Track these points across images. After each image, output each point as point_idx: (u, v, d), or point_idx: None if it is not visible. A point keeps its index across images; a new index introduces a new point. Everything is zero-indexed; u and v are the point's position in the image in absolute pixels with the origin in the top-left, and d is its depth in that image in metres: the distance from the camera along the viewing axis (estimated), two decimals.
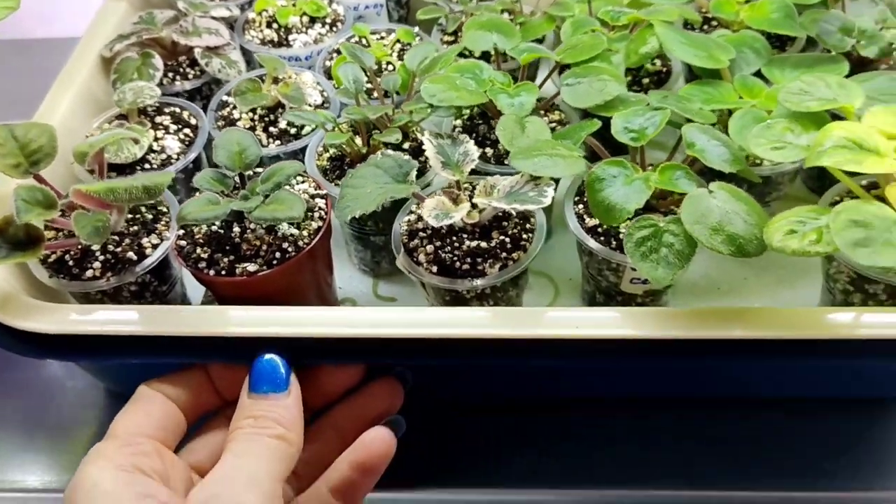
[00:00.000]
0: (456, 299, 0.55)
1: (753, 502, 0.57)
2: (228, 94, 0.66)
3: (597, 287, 0.59)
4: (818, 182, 0.67)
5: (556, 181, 0.53)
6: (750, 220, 0.48)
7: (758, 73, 0.60)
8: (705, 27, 0.69)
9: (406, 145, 0.61)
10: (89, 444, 0.61)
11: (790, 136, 0.51)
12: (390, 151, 0.56)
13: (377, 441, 0.48)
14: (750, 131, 0.52)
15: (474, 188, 0.55)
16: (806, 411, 0.60)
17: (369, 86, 0.65)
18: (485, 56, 0.66)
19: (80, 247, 0.55)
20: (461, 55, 0.65)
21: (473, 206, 0.54)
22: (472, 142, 0.55)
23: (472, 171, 0.56)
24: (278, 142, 0.63)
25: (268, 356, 0.48)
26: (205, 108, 0.66)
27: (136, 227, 0.56)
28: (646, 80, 0.66)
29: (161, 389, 0.48)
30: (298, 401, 0.47)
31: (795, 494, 0.56)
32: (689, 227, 0.48)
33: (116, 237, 0.56)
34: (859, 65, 0.61)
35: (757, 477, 0.57)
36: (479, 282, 0.52)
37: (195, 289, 0.64)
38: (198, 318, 0.52)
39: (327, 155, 0.62)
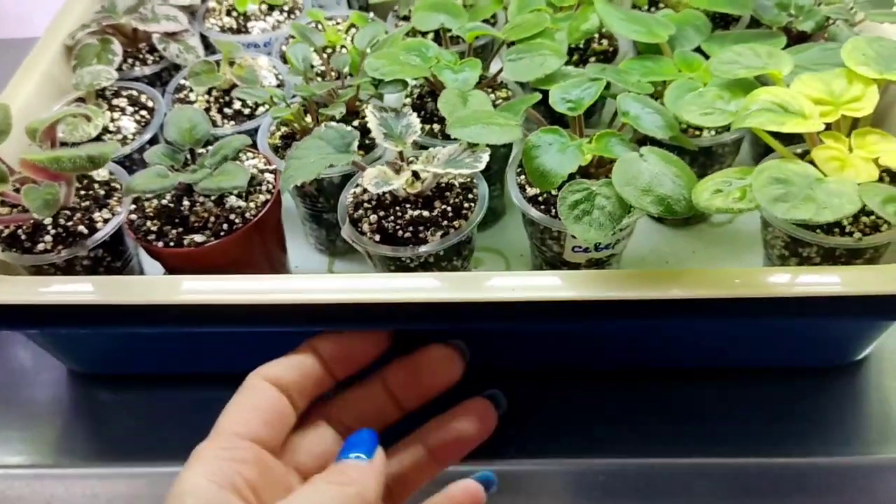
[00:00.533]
0: (400, 268, 0.56)
1: (701, 469, 0.58)
2: (185, 78, 0.68)
3: (543, 259, 0.60)
4: (764, 155, 0.68)
5: (498, 146, 0.54)
6: (679, 181, 0.49)
7: (699, 50, 0.62)
8: (652, 9, 0.70)
9: (356, 123, 0.62)
10: (49, 424, 0.63)
11: (720, 102, 0.53)
12: (334, 124, 0.57)
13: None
14: (682, 100, 0.54)
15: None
16: (751, 381, 0.60)
17: (323, 68, 0.67)
18: (437, 39, 0.68)
19: (32, 221, 0.56)
20: (411, 36, 0.67)
21: (415, 175, 0.55)
22: (416, 115, 0.57)
23: (421, 147, 0.58)
24: (233, 122, 0.65)
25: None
26: (164, 94, 0.68)
27: (87, 203, 0.58)
28: (592, 59, 0.67)
29: (269, 378, 0.48)
30: (382, 468, 0.46)
31: (741, 460, 0.57)
32: (620, 188, 0.49)
33: (68, 212, 0.57)
34: (798, 40, 0.62)
35: (704, 444, 0.58)
36: (421, 249, 0.53)
37: (153, 267, 0.65)
38: (143, 286, 0.53)
39: (279, 133, 0.63)
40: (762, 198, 0.45)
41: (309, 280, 0.52)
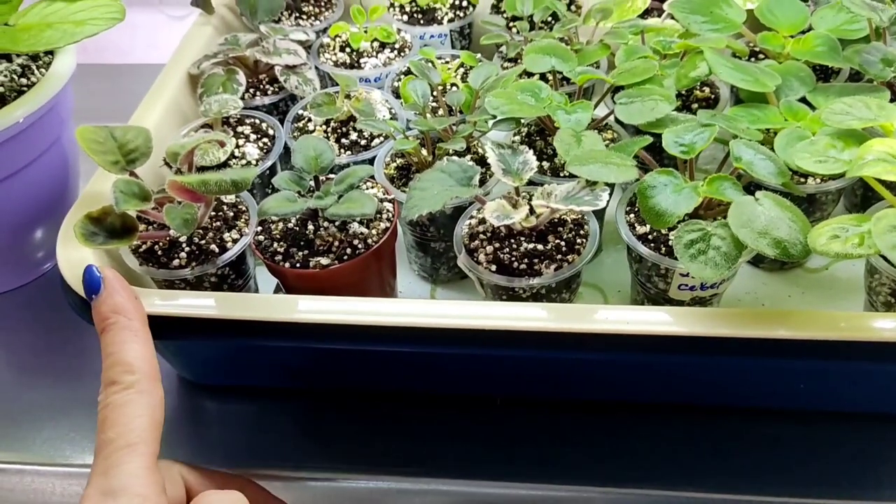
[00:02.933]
0: (512, 298, 0.58)
1: None
2: (304, 109, 0.72)
3: (646, 295, 0.62)
4: (861, 207, 0.69)
5: (611, 188, 0.57)
6: (794, 226, 0.51)
7: (803, 101, 0.64)
8: (752, 59, 0.73)
9: (468, 158, 0.65)
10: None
11: (833, 151, 0.55)
12: (455, 158, 0.60)
13: None
14: (794, 148, 0.56)
15: (531, 197, 0.59)
16: (844, 425, 0.61)
17: (435, 104, 0.70)
18: (543, 80, 0.71)
19: (168, 238, 0.60)
20: (521, 77, 0.70)
21: (531, 210, 0.58)
22: (531, 152, 0.60)
23: (530, 182, 0.61)
24: (349, 152, 0.68)
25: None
26: (282, 122, 0.72)
27: (218, 223, 0.61)
28: (695, 106, 0.70)
29: None
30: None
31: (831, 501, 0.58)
32: (736, 230, 0.51)
33: (201, 231, 0.61)
34: None
35: (794, 485, 0.59)
36: (535, 280, 0.56)
37: (265, 284, 0.68)
38: (268, 304, 0.56)
39: (394, 164, 0.66)
40: (883, 244, 0.47)
41: (419, 304, 0.55)
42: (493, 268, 0.57)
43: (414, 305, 0.55)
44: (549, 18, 0.81)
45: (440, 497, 0.61)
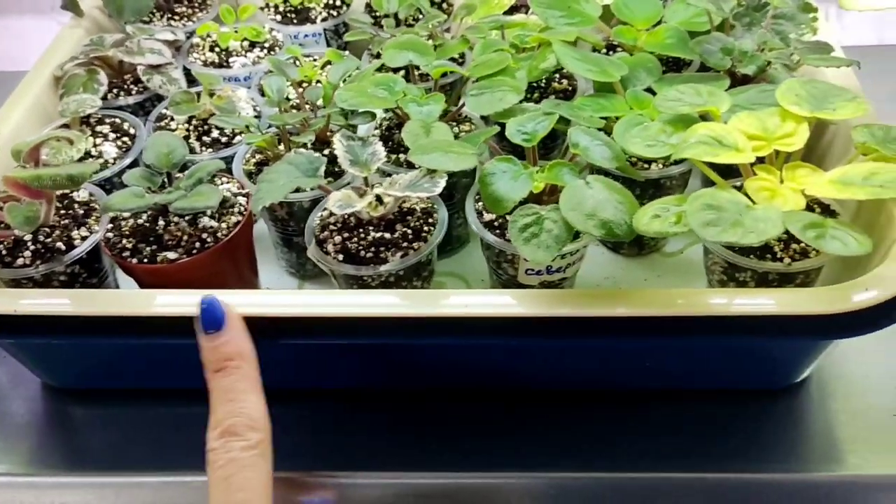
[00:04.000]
0: (362, 287, 0.59)
1: (646, 483, 0.60)
2: (167, 108, 0.72)
3: (500, 282, 0.64)
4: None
5: (461, 176, 0.58)
6: (621, 207, 0.53)
7: (651, 91, 0.66)
8: (609, 53, 0.75)
9: (326, 152, 0.65)
10: (23, 435, 0.65)
11: (663, 136, 0.57)
12: (303, 150, 0.61)
13: None
14: (629, 133, 0.58)
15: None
16: (694, 402, 0.63)
17: (298, 101, 0.71)
18: (408, 75, 0.72)
19: (13, 237, 0.59)
20: (382, 72, 0.71)
21: (378, 199, 0.58)
22: (381, 144, 0.60)
23: (386, 174, 0.61)
24: (211, 149, 0.68)
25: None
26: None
27: (67, 221, 0.61)
28: (552, 97, 0.71)
29: None
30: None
31: (683, 475, 0.59)
32: (566, 213, 0.52)
33: (48, 229, 0.60)
34: (743, 83, 0.66)
35: (649, 461, 0.60)
36: (382, 268, 0.56)
37: (129, 286, 0.67)
38: (118, 299, 0.56)
39: (253, 160, 0.66)
40: (694, 222, 0.48)
41: (269, 295, 0.55)
42: (341, 257, 0.58)
43: (257, 296, 0.55)
44: (417, 15, 0.82)
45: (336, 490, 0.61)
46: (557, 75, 0.73)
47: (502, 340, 0.57)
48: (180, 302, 0.55)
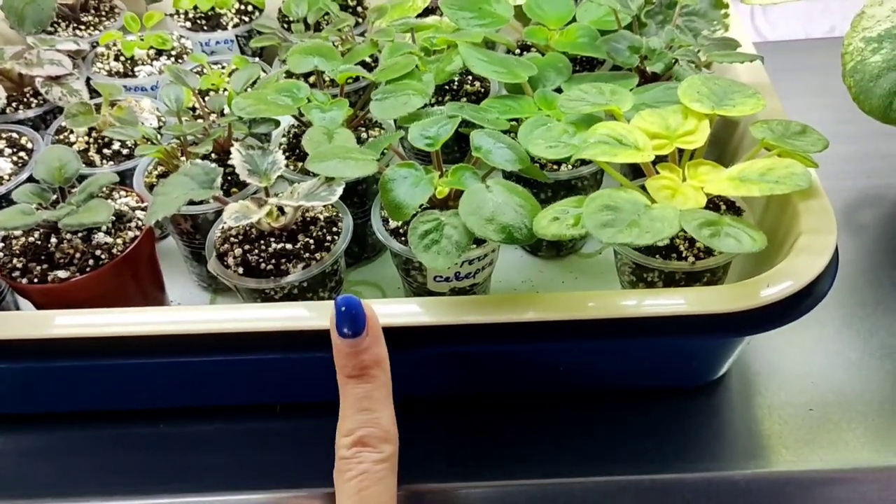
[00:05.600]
0: (266, 301, 0.57)
1: (561, 488, 0.59)
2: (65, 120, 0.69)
3: (411, 290, 0.62)
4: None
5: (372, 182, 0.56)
6: (522, 210, 0.52)
7: (561, 92, 0.65)
8: (522, 53, 0.74)
9: (230, 161, 0.64)
10: None
11: (565, 136, 0.56)
12: (199, 161, 0.59)
13: None
14: (532, 135, 0.57)
15: None
16: (612, 403, 0.62)
17: (202, 111, 0.69)
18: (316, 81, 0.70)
19: None
20: (287, 78, 0.69)
21: (280, 209, 0.57)
22: (282, 153, 0.59)
23: (292, 183, 0.60)
24: (111, 162, 0.66)
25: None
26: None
27: None
28: (464, 100, 0.71)
29: None
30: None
31: (601, 479, 0.59)
32: (465, 217, 0.51)
33: None
34: (652, 80, 0.66)
35: (565, 464, 0.59)
36: (283, 280, 0.55)
37: (29, 307, 0.65)
38: (12, 320, 0.53)
39: (156, 172, 0.64)
40: (590, 224, 0.48)
41: (168, 313, 0.53)
42: (241, 270, 0.56)
43: (152, 314, 0.53)
44: (329, 20, 0.81)
45: None
46: (470, 77, 0.72)
47: (410, 350, 0.55)
48: (77, 322, 0.53)
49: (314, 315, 0.53)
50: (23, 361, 0.54)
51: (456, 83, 0.72)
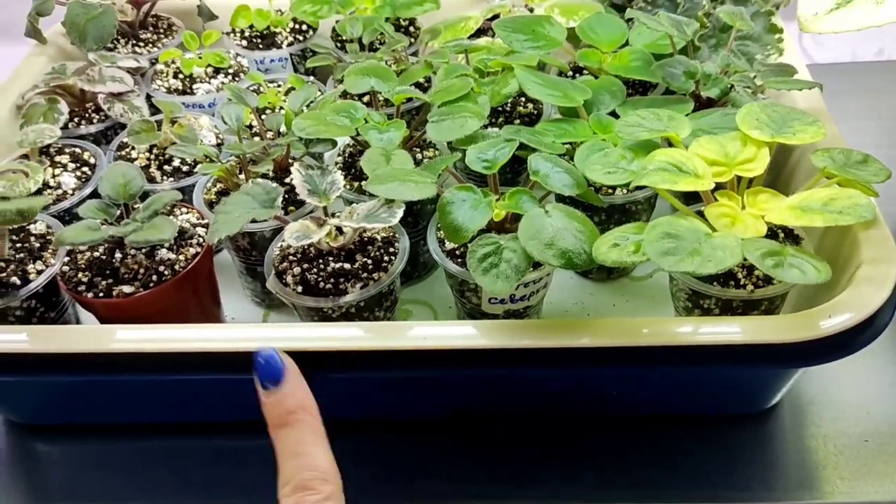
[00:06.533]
0: (323, 319, 0.58)
1: None
2: (127, 137, 0.71)
3: (465, 310, 0.63)
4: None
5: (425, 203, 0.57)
6: (581, 236, 0.52)
7: (616, 115, 0.65)
8: (575, 76, 0.74)
9: (288, 180, 0.65)
10: None
11: (623, 162, 0.56)
12: (260, 180, 0.60)
13: None
14: (589, 160, 0.57)
15: None
16: (664, 428, 0.62)
17: (260, 129, 0.70)
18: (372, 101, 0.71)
19: None
20: (344, 98, 0.70)
21: (338, 229, 0.58)
22: (341, 173, 0.60)
23: (349, 202, 0.61)
24: (172, 179, 0.67)
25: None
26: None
27: (22, 255, 0.60)
28: (517, 122, 0.71)
29: None
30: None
31: None
32: (524, 242, 0.52)
33: (2, 263, 0.59)
34: (707, 106, 0.66)
35: (619, 488, 0.59)
36: (342, 300, 0.56)
37: (90, 319, 0.66)
38: (67, 335, 0.55)
39: (214, 189, 0.66)
40: (652, 251, 0.48)
41: (229, 330, 0.54)
42: (300, 289, 0.57)
43: (213, 330, 0.54)
44: (383, 40, 0.82)
45: None
46: (523, 99, 0.73)
47: (463, 372, 0.56)
48: (139, 337, 0.54)
49: (370, 335, 0.54)
50: (84, 374, 0.56)
51: (509, 105, 0.72)
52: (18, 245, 0.60)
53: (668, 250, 0.48)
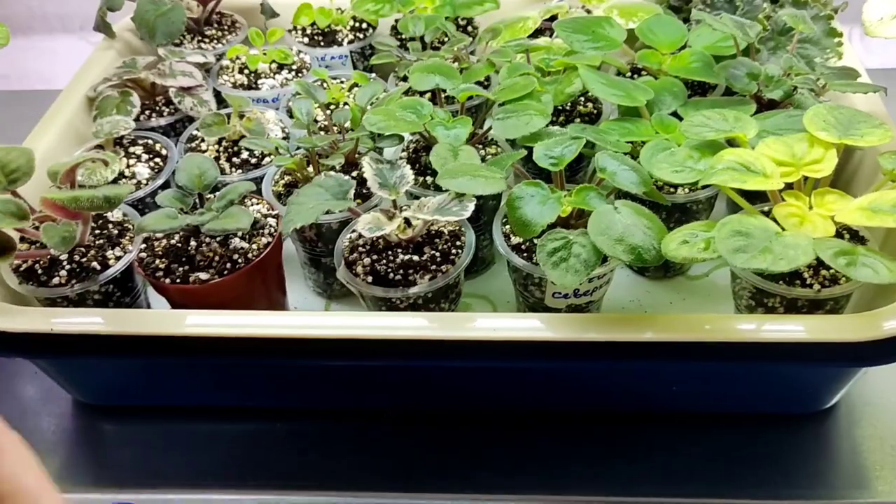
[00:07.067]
0: (391, 309, 0.59)
1: None
2: (198, 129, 0.73)
3: (527, 305, 0.64)
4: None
5: (488, 199, 0.58)
6: (650, 232, 0.53)
7: (675, 115, 0.66)
8: (634, 76, 0.75)
9: (354, 174, 0.66)
10: (53, 452, 0.66)
11: (690, 161, 0.57)
12: (332, 173, 0.61)
13: None
14: (655, 158, 0.58)
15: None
16: (722, 426, 0.63)
17: (326, 123, 0.72)
18: (434, 99, 0.73)
19: (48, 257, 0.60)
20: (408, 95, 0.71)
21: (407, 221, 0.59)
22: (409, 167, 0.61)
23: (414, 197, 0.62)
24: (240, 171, 0.69)
25: None
26: (178, 143, 0.73)
27: (101, 241, 0.62)
28: (577, 121, 0.72)
29: None
30: None
31: (707, 500, 0.59)
32: (594, 237, 0.53)
33: (83, 249, 0.61)
34: (768, 107, 0.67)
35: (673, 484, 0.60)
36: (410, 290, 0.57)
37: (160, 304, 0.68)
38: (144, 319, 0.57)
39: (282, 182, 0.67)
40: (724, 248, 0.49)
41: (301, 317, 0.56)
42: (370, 279, 0.58)
43: (286, 317, 0.56)
44: (443, 39, 0.83)
45: None
46: (582, 99, 0.74)
47: (529, 364, 0.57)
48: (210, 322, 0.56)
49: (434, 325, 0.55)
50: (157, 356, 0.58)
51: (569, 104, 0.73)
52: (98, 232, 0.62)
53: (740, 248, 0.49)
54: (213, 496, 0.62)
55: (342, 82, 0.78)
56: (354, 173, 0.66)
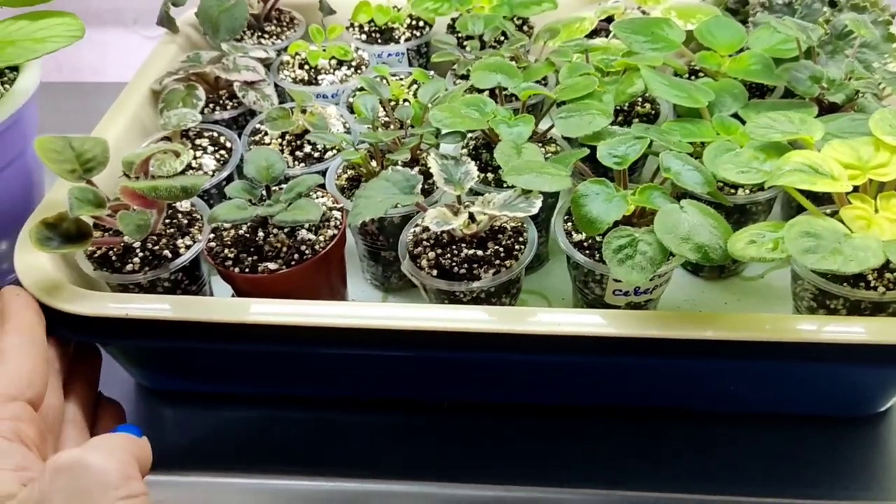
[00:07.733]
0: (454, 302, 0.60)
1: None
2: (261, 123, 0.75)
3: (585, 301, 0.65)
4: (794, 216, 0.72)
5: (546, 196, 0.59)
6: (716, 232, 0.54)
7: (735, 116, 0.67)
8: (692, 77, 0.76)
9: (416, 170, 0.67)
10: None
11: (756, 162, 0.58)
12: (399, 168, 0.63)
13: None
14: (720, 159, 0.59)
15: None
16: (777, 426, 0.63)
17: (387, 119, 0.73)
18: (493, 96, 0.74)
19: (122, 244, 0.62)
20: (469, 93, 0.72)
21: (472, 217, 0.60)
22: (474, 164, 0.62)
23: (475, 193, 0.63)
24: (303, 164, 0.71)
25: None
26: (240, 136, 0.74)
27: (172, 230, 0.64)
28: (636, 121, 0.73)
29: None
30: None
31: (757, 499, 0.60)
32: (661, 236, 0.53)
33: (155, 237, 0.63)
34: (829, 111, 0.67)
35: (724, 483, 0.61)
36: (474, 284, 0.58)
37: (221, 292, 0.70)
38: (219, 306, 0.58)
39: (345, 176, 0.69)
40: (794, 249, 0.49)
41: (370, 308, 0.57)
42: (435, 273, 0.59)
43: (354, 308, 0.57)
44: (501, 38, 0.84)
45: (401, 499, 0.62)
46: (640, 99, 0.75)
47: (591, 359, 0.58)
48: (275, 311, 0.57)
49: (496, 319, 0.56)
50: (223, 343, 0.59)
51: (627, 105, 0.74)
52: (168, 221, 0.64)
53: (810, 248, 0.49)
54: (272, 481, 0.63)
55: (401, 79, 0.79)
56: (416, 169, 0.67)
